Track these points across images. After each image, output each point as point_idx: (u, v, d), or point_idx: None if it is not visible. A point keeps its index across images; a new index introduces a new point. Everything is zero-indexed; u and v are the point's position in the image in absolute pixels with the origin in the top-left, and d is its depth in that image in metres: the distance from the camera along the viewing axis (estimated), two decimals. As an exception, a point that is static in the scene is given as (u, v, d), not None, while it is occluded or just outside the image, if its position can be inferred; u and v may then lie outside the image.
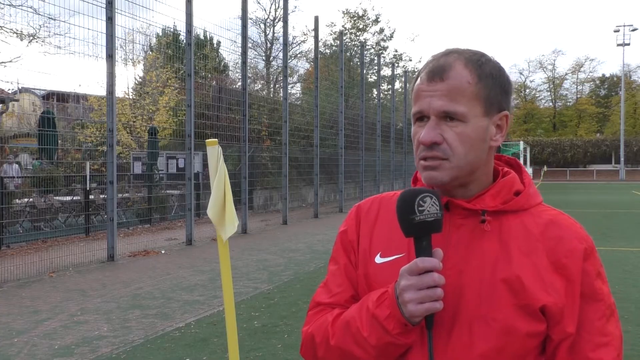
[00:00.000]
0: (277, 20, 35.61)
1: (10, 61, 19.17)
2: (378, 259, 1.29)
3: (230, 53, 24.69)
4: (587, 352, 1.18)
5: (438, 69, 1.21)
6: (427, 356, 1.17)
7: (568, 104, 71.06)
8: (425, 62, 1.27)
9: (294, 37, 39.35)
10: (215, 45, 22.51)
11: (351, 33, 43.78)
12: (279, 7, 34.70)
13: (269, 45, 36.76)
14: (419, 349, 1.20)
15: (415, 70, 47.15)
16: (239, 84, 15.53)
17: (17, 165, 15.42)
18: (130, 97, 21.10)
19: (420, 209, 1.14)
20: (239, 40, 14.53)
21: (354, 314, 1.24)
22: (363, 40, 41.52)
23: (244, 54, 14.23)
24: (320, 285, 1.40)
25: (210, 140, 1.80)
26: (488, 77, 1.22)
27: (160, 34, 18.91)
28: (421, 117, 1.24)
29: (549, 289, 1.18)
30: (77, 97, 18.34)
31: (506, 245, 1.21)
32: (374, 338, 1.19)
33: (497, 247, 1.21)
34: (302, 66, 38.62)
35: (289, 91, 22.15)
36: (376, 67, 33.22)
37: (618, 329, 1.23)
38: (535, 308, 1.17)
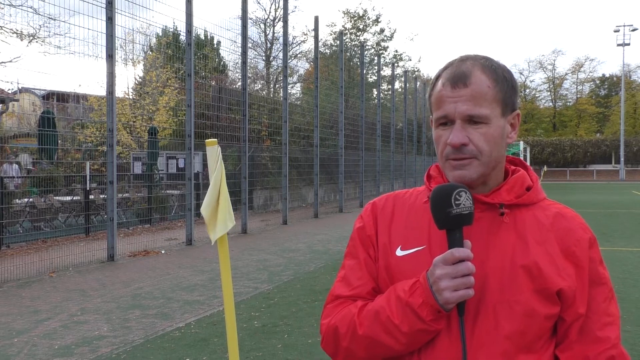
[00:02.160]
0: (277, 20, 35.62)
1: (10, 61, 19.19)
2: (399, 252, 1.37)
3: (230, 53, 24.66)
4: (595, 330, 1.30)
5: (460, 75, 1.30)
6: (454, 341, 1.27)
7: (568, 104, 71.07)
8: (442, 69, 1.36)
9: (294, 37, 39.42)
10: (215, 45, 22.52)
11: (351, 33, 43.79)
12: (279, 7, 34.72)
13: (269, 45, 36.77)
14: (446, 334, 1.28)
15: (415, 70, 47.37)
16: (239, 84, 15.53)
17: (17, 165, 15.42)
18: (130, 97, 21.09)
19: (457, 202, 1.23)
20: (239, 40, 14.53)
21: (382, 304, 1.31)
22: (363, 41, 41.54)
23: (244, 54, 14.23)
24: (336, 280, 1.46)
25: (209, 140, 1.80)
26: (503, 80, 1.32)
27: (160, 34, 18.92)
28: (445, 122, 1.31)
29: (563, 274, 1.28)
30: (77, 97, 18.33)
31: (522, 235, 1.31)
32: (407, 325, 1.26)
33: (514, 237, 1.31)
34: (302, 66, 38.66)
35: (289, 91, 22.15)
36: (376, 67, 33.24)
37: (617, 309, 1.35)
38: (552, 292, 1.27)
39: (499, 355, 1.26)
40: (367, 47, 41.08)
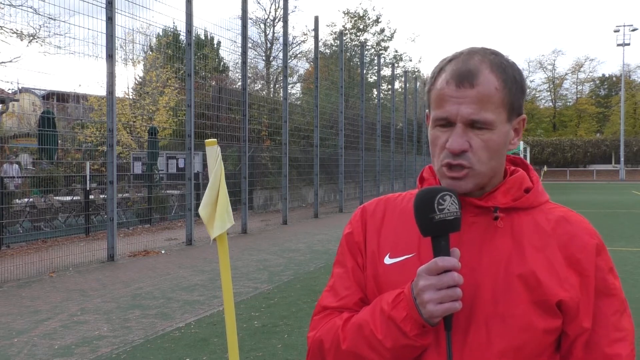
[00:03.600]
0: (277, 20, 35.63)
1: (10, 61, 19.20)
2: (387, 260, 1.27)
3: (230, 53, 24.68)
4: (603, 347, 1.18)
5: (467, 74, 1.17)
6: (443, 357, 1.16)
7: (568, 104, 71.10)
8: (446, 62, 1.22)
9: (294, 37, 39.40)
10: (215, 45, 22.53)
11: (351, 33, 43.78)
12: (279, 7, 34.72)
13: (269, 45, 36.78)
14: (435, 350, 1.18)
15: (416, 70, 47.27)
16: (239, 84, 15.53)
17: (17, 165, 15.42)
18: (130, 97, 21.10)
19: (440, 207, 1.13)
20: (239, 40, 14.54)
21: (366, 317, 1.21)
22: (363, 41, 41.53)
23: (244, 54, 14.23)
24: (325, 289, 1.37)
25: (209, 140, 1.80)
26: (512, 81, 1.20)
27: (161, 34, 18.92)
28: (444, 123, 1.20)
29: (565, 284, 1.17)
30: (77, 97, 18.34)
31: (519, 241, 1.20)
32: (390, 341, 1.16)
33: (510, 244, 1.20)
34: (302, 66, 38.66)
35: (289, 91, 22.16)
36: (376, 67, 33.22)
37: (631, 324, 1.22)
38: (551, 303, 1.16)
39: None
40: (367, 47, 41.08)
